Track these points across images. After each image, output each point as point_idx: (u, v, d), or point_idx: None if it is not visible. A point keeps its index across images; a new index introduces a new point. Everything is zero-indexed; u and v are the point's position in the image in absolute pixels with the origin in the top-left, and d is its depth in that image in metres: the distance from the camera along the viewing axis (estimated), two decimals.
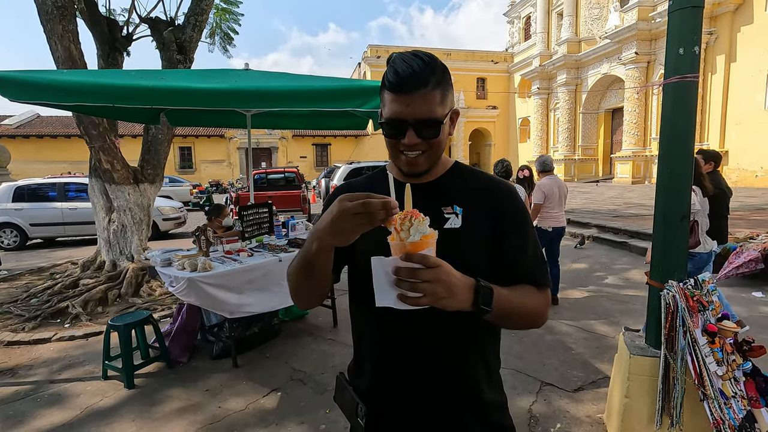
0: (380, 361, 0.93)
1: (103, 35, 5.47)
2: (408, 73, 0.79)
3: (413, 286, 0.67)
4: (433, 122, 0.81)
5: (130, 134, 22.11)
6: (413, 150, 0.83)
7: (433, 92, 0.80)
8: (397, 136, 0.83)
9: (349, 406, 0.97)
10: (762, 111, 14.74)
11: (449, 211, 0.88)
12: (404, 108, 0.80)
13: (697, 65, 1.92)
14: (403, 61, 0.80)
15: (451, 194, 0.90)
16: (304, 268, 0.81)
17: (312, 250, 0.77)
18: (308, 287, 0.87)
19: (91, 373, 3.22)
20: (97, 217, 5.52)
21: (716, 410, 1.84)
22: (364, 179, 1.02)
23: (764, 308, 4.23)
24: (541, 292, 0.90)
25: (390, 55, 0.85)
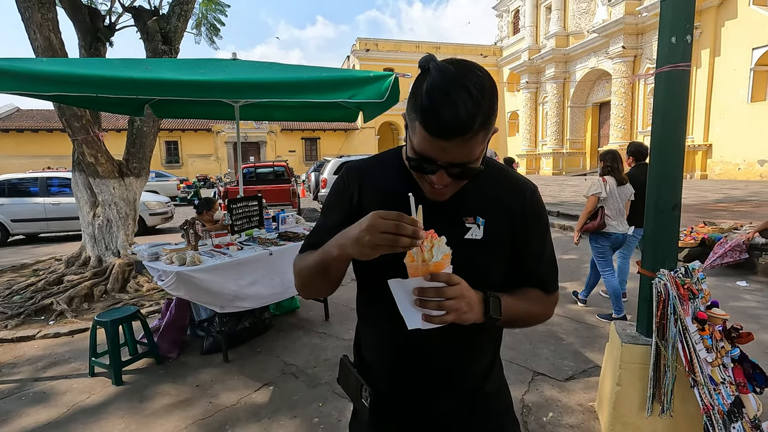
0: (389, 354, 0.92)
1: (84, 25, 5.31)
2: (451, 120, 0.66)
3: (439, 304, 0.68)
4: (467, 166, 0.73)
5: (114, 128, 21.70)
6: (435, 186, 0.77)
7: (475, 136, 0.69)
8: (425, 172, 0.75)
9: (353, 388, 0.96)
10: (745, 105, 15.02)
11: (471, 221, 0.85)
12: (438, 151, 0.70)
13: (689, 54, 1.93)
14: (445, 92, 0.66)
15: (473, 203, 0.85)
16: (320, 270, 0.81)
17: (332, 255, 0.76)
18: (318, 285, 0.87)
19: (77, 370, 3.15)
20: (81, 212, 5.40)
21: (706, 396, 1.87)
22: (376, 166, 0.94)
23: (748, 296, 4.32)
24: (549, 296, 0.92)
25: (425, 61, 0.71)
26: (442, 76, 0.67)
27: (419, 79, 0.72)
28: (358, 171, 0.93)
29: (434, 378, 0.89)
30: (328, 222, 0.91)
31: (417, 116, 0.69)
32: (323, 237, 0.83)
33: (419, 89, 0.70)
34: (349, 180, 0.92)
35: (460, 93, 0.66)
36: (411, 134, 0.74)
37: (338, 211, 0.90)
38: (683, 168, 2.06)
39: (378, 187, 0.89)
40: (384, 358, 0.93)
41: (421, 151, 0.72)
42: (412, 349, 0.88)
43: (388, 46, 30.04)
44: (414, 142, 0.73)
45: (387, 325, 0.88)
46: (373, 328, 0.95)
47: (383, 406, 0.92)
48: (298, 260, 0.90)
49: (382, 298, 0.81)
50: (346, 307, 4.23)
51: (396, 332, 0.85)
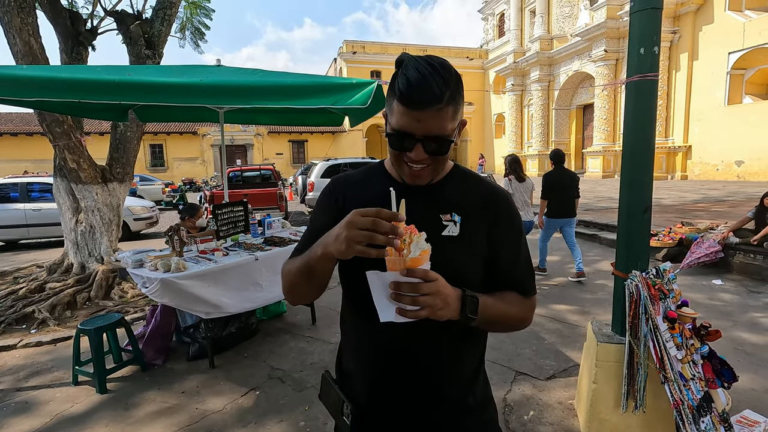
0: (369, 356, 0.93)
1: (65, 29, 5.25)
2: (423, 89, 0.75)
3: (414, 299, 0.69)
4: (442, 139, 0.79)
5: (97, 132, 21.32)
6: (418, 164, 0.82)
7: (446, 108, 0.77)
8: (403, 149, 0.81)
9: (334, 405, 0.97)
10: (722, 107, 15.45)
11: (448, 218, 0.88)
12: (414, 123, 0.77)
13: (657, 65, 2.01)
14: (418, 71, 0.76)
15: (450, 201, 0.90)
16: (305, 272, 0.82)
17: (316, 254, 0.77)
18: (305, 289, 0.87)
19: (60, 379, 3.12)
20: (64, 218, 5.32)
21: (676, 392, 1.95)
22: (361, 174, 1.00)
23: (723, 295, 4.47)
24: (527, 299, 0.94)
25: (401, 57, 0.81)
26: (416, 62, 0.77)
27: (394, 74, 0.81)
28: (344, 179, 0.99)
29: (415, 383, 0.90)
30: (315, 225, 0.95)
31: (395, 97, 0.78)
32: (311, 241, 0.85)
33: (394, 80, 0.79)
34: (334, 186, 0.98)
35: (431, 73, 0.76)
36: (390, 119, 0.81)
37: (324, 216, 0.94)
38: (653, 172, 2.14)
39: (361, 192, 0.94)
40: (364, 363, 0.94)
41: (399, 127, 0.79)
42: (393, 351, 0.89)
43: (375, 48, 30.14)
44: (392, 122, 0.80)
45: (368, 327, 0.90)
46: (355, 332, 0.96)
47: (365, 422, 0.92)
48: (286, 264, 0.91)
49: (364, 301, 0.84)
50: (333, 311, 4.26)
51: (376, 333, 0.88)
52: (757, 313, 3.93)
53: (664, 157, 17.13)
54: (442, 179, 0.92)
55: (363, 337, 0.94)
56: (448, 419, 0.92)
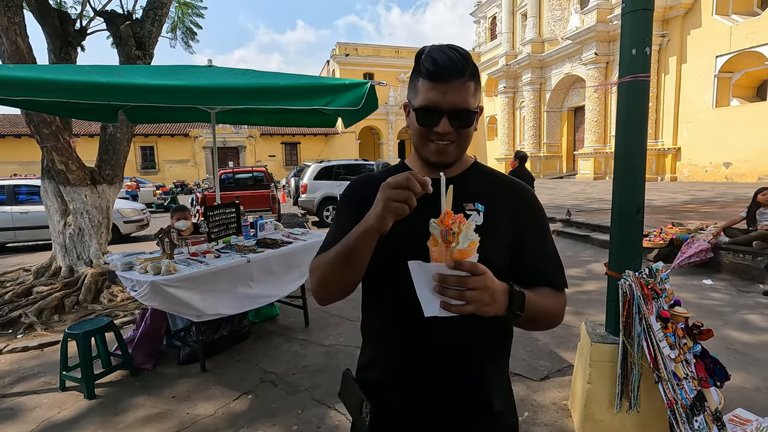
0: (394, 357, 0.91)
1: (53, 29, 5.17)
2: (447, 63, 0.80)
3: (460, 294, 0.67)
4: (467, 112, 0.83)
5: (86, 133, 21.08)
6: (444, 139, 0.84)
7: (468, 83, 0.82)
8: (430, 124, 0.83)
9: (354, 403, 0.96)
10: (710, 110, 15.68)
11: (471, 208, 0.88)
12: (441, 96, 0.81)
13: (649, 65, 2.03)
14: (442, 51, 0.82)
15: (473, 191, 0.90)
16: (344, 256, 0.80)
17: (357, 233, 0.76)
18: (343, 277, 0.84)
19: (47, 384, 3.06)
20: (52, 221, 5.23)
21: (670, 391, 1.95)
22: (381, 174, 0.97)
23: (713, 294, 4.51)
24: (559, 294, 0.92)
25: (422, 48, 0.86)
26: (439, 46, 0.84)
27: (416, 62, 0.85)
28: (365, 179, 1.00)
29: (438, 391, 0.88)
30: (341, 222, 0.93)
31: (420, 77, 0.83)
32: (338, 237, 0.84)
33: (417, 65, 0.84)
34: (355, 186, 1.00)
35: (452, 51, 0.82)
36: (415, 101, 0.85)
37: (350, 212, 0.92)
38: (645, 173, 2.15)
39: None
40: (388, 363, 0.92)
41: (425, 102, 0.82)
42: (416, 350, 0.88)
43: (368, 50, 30.17)
44: (418, 101, 0.84)
45: (392, 326, 0.90)
46: (378, 331, 0.95)
47: (383, 422, 0.91)
48: (315, 260, 0.90)
49: (391, 298, 0.88)
50: (326, 314, 4.23)
51: (401, 332, 0.88)
52: (747, 312, 3.97)
53: (654, 158, 17.34)
54: (464, 171, 0.94)
55: (386, 338, 0.92)
56: (469, 425, 0.90)
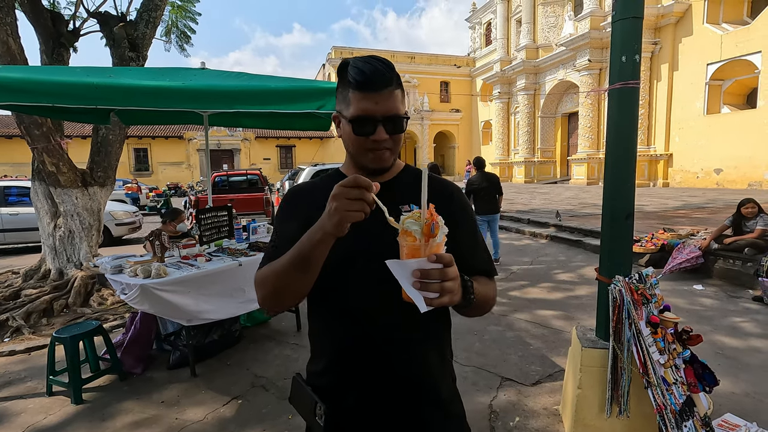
0: (343, 355, 0.94)
1: (46, 29, 5.13)
2: (375, 74, 0.84)
3: (440, 286, 0.69)
4: (399, 118, 0.87)
5: (78, 135, 20.91)
6: (381, 146, 0.88)
7: (396, 91, 0.86)
8: (366, 133, 0.86)
9: (306, 406, 0.97)
10: (701, 117, 15.88)
11: (407, 209, 0.90)
12: (374, 105, 0.84)
13: (638, 72, 2.05)
14: (367, 62, 0.85)
15: (407, 193, 0.92)
16: (299, 265, 0.80)
17: (314, 240, 0.76)
18: (298, 285, 0.84)
19: (33, 389, 3.01)
20: (42, 223, 5.17)
21: (659, 396, 1.96)
22: (318, 182, 1.02)
23: (704, 300, 4.55)
24: (491, 281, 1.01)
25: (343, 60, 0.89)
26: (361, 58, 0.88)
27: (341, 75, 0.89)
28: (303, 188, 1.02)
29: (388, 378, 0.91)
30: (283, 234, 0.93)
31: (349, 88, 0.86)
32: (285, 247, 0.84)
33: (344, 77, 0.87)
34: (294, 196, 1.01)
35: (374, 60, 0.86)
36: (347, 112, 0.87)
37: (293, 222, 0.93)
38: (635, 178, 2.17)
39: (319, 198, 0.91)
40: (345, 363, 0.94)
41: (359, 112, 0.85)
42: (366, 350, 0.91)
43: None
44: (351, 112, 0.86)
45: (342, 329, 0.92)
46: (327, 336, 0.96)
47: (338, 422, 0.93)
48: (263, 272, 0.89)
49: (337, 302, 0.91)
50: None
51: (352, 334, 0.91)
52: (737, 317, 4.00)
53: (646, 164, 17.51)
54: (397, 175, 0.98)
55: (338, 337, 0.94)
56: (422, 418, 0.94)
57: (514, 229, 9.36)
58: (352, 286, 0.90)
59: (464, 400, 1.05)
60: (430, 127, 31.64)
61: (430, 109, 31.10)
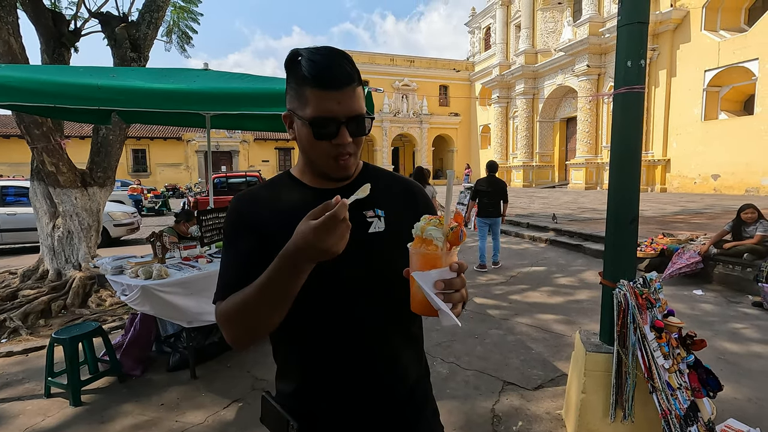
0: (319, 368, 0.87)
1: (47, 29, 5.13)
2: (336, 69, 0.75)
3: (460, 295, 0.65)
4: (363, 119, 0.79)
5: (78, 135, 20.86)
6: (345, 150, 0.79)
7: (358, 87, 0.78)
8: (329, 136, 0.77)
9: (277, 425, 0.90)
10: (699, 123, 15.96)
11: (371, 215, 0.86)
12: (335, 105, 0.75)
13: (644, 77, 2.06)
14: (324, 56, 0.76)
15: (371, 196, 0.81)
16: (280, 297, 0.71)
17: (292, 273, 0.68)
18: (273, 319, 0.75)
19: (31, 391, 2.98)
20: (40, 223, 5.15)
21: (664, 401, 1.96)
22: (266, 189, 0.91)
23: (704, 305, 4.55)
24: None
25: (293, 51, 0.78)
26: (315, 50, 0.77)
27: (292, 68, 0.78)
28: (249, 197, 0.90)
29: (374, 384, 0.87)
30: (239, 249, 0.84)
31: (306, 85, 0.75)
32: (244, 269, 0.77)
33: (297, 71, 0.77)
34: (241, 207, 0.88)
35: (336, 56, 0.76)
36: (303, 112, 0.77)
37: (246, 238, 0.83)
38: (640, 183, 2.17)
39: (276, 207, 0.86)
40: (318, 375, 0.87)
41: (319, 113, 0.75)
42: (348, 359, 0.85)
43: (363, 58, 30.31)
44: (309, 112, 0.76)
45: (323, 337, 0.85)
46: (304, 346, 0.88)
47: None
48: (225, 309, 0.78)
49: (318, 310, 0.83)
50: None
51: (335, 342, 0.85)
52: (737, 323, 4.01)
53: (645, 170, 17.53)
54: (358, 176, 0.90)
55: (316, 348, 0.86)
56: (398, 419, 0.90)
57: (513, 233, 9.37)
58: (325, 294, 0.82)
59: (466, 403, 1.06)
60: (429, 130, 31.70)
61: (429, 113, 31.17)
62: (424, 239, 0.66)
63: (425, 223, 0.68)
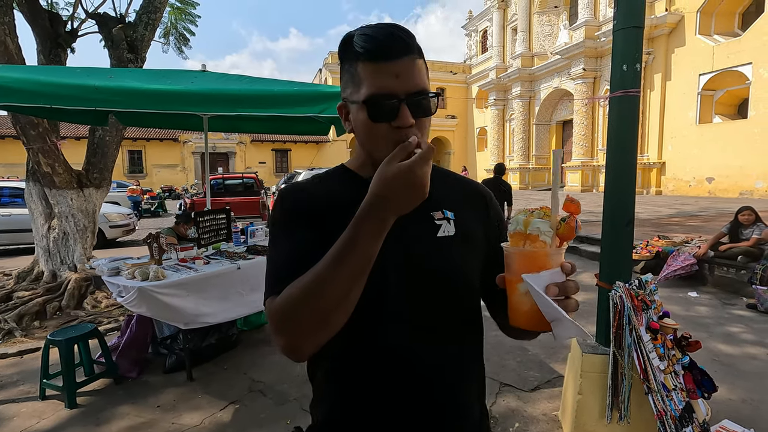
0: (372, 395, 0.73)
1: (44, 30, 5.11)
2: (390, 38, 0.64)
3: (576, 303, 0.57)
4: (427, 95, 0.67)
5: (74, 136, 20.75)
6: (408, 134, 0.64)
7: (420, 60, 0.67)
8: (387, 118, 0.65)
9: None
10: (693, 126, 16.09)
11: (440, 216, 0.75)
12: (392, 80, 0.64)
13: (639, 81, 2.08)
14: (375, 28, 0.66)
15: (437, 196, 0.74)
16: (358, 268, 0.59)
17: (368, 233, 0.58)
18: (350, 300, 0.61)
19: (26, 393, 2.96)
20: (35, 225, 5.12)
21: (659, 402, 1.97)
22: (319, 182, 0.80)
23: (699, 307, 4.58)
24: None
25: (348, 34, 0.69)
26: (369, 25, 0.68)
27: (345, 50, 0.69)
28: (301, 187, 0.79)
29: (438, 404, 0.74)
30: (297, 241, 0.70)
31: (358, 62, 0.66)
32: (304, 262, 0.63)
33: (349, 51, 0.68)
34: (297, 195, 0.77)
35: (390, 26, 0.67)
36: (357, 94, 0.67)
37: (305, 228, 0.71)
38: (635, 185, 2.19)
39: (331, 203, 0.74)
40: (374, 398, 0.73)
41: (374, 90, 0.65)
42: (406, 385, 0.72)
43: None
44: (363, 92, 0.66)
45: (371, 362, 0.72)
46: (351, 365, 0.74)
47: None
48: (284, 296, 0.62)
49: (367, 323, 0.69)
50: None
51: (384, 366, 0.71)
52: (731, 324, 4.04)
53: (640, 172, 17.66)
54: None
55: (368, 370, 0.72)
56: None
57: None
58: (387, 306, 0.70)
59: None
60: None
61: None
62: (529, 235, 0.55)
63: (527, 216, 0.57)
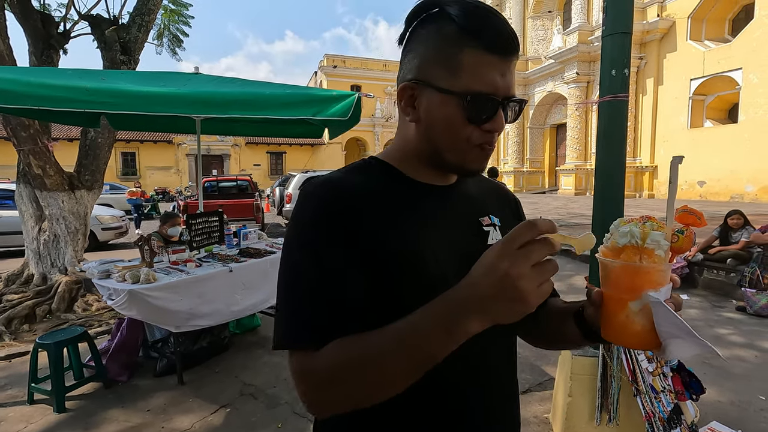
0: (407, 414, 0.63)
1: (36, 31, 5.08)
2: (509, 29, 0.57)
3: None
4: (521, 102, 0.61)
5: (65, 137, 20.60)
6: (494, 139, 0.60)
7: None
8: (482, 120, 0.58)
9: None
10: (685, 130, 16.28)
11: (487, 222, 0.68)
12: (499, 78, 0.57)
13: (627, 86, 2.10)
14: (485, 9, 0.57)
15: (480, 201, 0.71)
16: (426, 360, 0.50)
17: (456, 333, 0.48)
18: (406, 384, 0.52)
19: (14, 397, 2.93)
20: (26, 227, 5.07)
21: (648, 404, 1.99)
22: (359, 176, 0.65)
23: (688, 309, 4.62)
24: None
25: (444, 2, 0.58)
26: (477, 6, 0.58)
27: (435, 20, 0.59)
28: (335, 183, 0.62)
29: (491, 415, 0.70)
30: (334, 269, 0.56)
31: (464, 44, 0.56)
32: (346, 296, 0.55)
33: (445, 23, 0.58)
34: (329, 196, 0.60)
35: (498, 13, 0.59)
36: (449, 83, 0.58)
37: (342, 246, 0.57)
38: (624, 189, 2.21)
39: (374, 204, 0.61)
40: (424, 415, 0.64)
41: (482, 86, 0.57)
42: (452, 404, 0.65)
43: (356, 63, 30.45)
44: (464, 82, 0.57)
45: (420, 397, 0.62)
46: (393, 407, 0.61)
47: None
48: (336, 358, 0.54)
49: None
50: None
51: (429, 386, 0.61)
52: (721, 327, 4.08)
53: (633, 176, 17.84)
54: (458, 178, 0.71)
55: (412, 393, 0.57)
56: None
57: None
58: None
59: None
60: None
61: None
62: (644, 249, 0.49)
63: (641, 228, 0.50)
